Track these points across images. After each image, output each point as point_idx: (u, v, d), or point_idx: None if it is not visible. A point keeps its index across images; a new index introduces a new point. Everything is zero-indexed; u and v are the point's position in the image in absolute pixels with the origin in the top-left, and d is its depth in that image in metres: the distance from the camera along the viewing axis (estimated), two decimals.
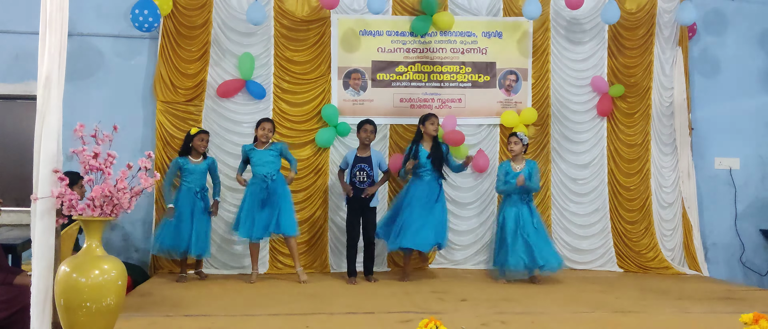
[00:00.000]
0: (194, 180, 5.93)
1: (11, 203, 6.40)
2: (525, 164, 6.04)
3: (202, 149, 5.98)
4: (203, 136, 5.98)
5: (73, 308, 3.22)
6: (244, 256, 6.47)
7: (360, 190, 5.98)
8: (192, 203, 5.90)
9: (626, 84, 7.11)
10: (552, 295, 5.43)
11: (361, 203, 6.00)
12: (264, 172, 5.83)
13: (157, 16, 6.27)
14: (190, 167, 5.93)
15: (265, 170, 5.84)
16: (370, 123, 6.09)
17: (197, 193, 5.93)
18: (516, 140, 6.04)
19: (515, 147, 6.03)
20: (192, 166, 5.94)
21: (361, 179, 6.00)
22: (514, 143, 6.04)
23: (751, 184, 7.43)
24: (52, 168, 3.35)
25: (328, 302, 5.02)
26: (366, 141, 6.06)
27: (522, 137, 6.06)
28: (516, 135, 6.09)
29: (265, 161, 5.87)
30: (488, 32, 7.06)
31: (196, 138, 5.93)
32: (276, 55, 6.77)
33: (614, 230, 7.07)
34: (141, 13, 6.22)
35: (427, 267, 6.79)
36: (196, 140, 5.92)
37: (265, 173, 5.83)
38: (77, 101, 6.17)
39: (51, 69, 3.43)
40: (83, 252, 3.40)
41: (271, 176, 5.84)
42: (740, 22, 7.49)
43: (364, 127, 6.05)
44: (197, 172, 5.95)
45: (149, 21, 6.25)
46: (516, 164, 6.06)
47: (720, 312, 4.79)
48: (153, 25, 6.31)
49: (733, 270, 7.36)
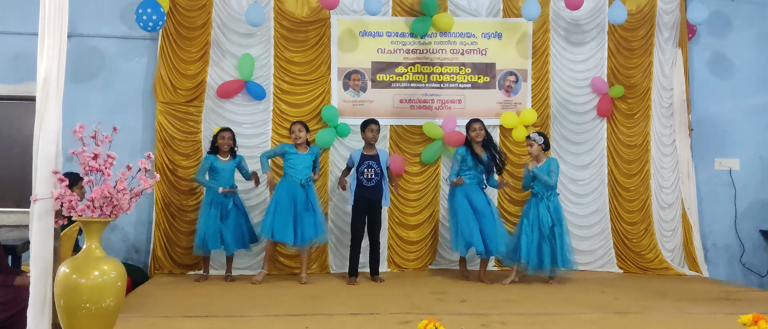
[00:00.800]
0: (222, 179, 5.95)
1: (11, 204, 6.41)
2: (545, 162, 6.00)
3: (226, 148, 5.97)
4: (224, 134, 6.00)
5: (72, 309, 3.22)
6: (243, 257, 6.46)
7: (367, 188, 5.98)
8: (221, 203, 5.92)
9: (626, 85, 7.11)
10: (552, 296, 5.42)
11: (368, 202, 6.00)
12: (300, 177, 5.89)
13: (161, 14, 6.25)
14: (218, 165, 5.96)
15: (301, 175, 5.90)
16: (375, 123, 6.11)
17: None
18: (530, 142, 6.04)
19: (531, 149, 6.03)
20: (220, 164, 5.97)
21: (368, 176, 5.98)
22: (529, 145, 6.06)
23: (751, 185, 7.42)
24: (51, 169, 3.36)
25: (328, 303, 5.01)
26: (372, 141, 6.07)
27: (535, 138, 6.03)
28: (529, 137, 6.11)
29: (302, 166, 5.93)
30: (488, 33, 7.06)
31: (218, 136, 5.97)
32: (276, 56, 6.78)
33: (614, 231, 7.07)
34: (144, 12, 6.18)
35: (427, 268, 6.79)
36: (218, 139, 5.96)
37: (300, 177, 5.89)
38: (77, 102, 6.16)
39: (50, 70, 3.44)
40: (83, 253, 3.40)
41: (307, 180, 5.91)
42: (740, 23, 7.49)
43: (370, 127, 6.06)
44: (225, 170, 5.97)
45: (154, 19, 6.21)
46: (537, 162, 6.03)
47: (720, 312, 4.78)
48: (157, 24, 6.27)
49: (733, 270, 7.36)
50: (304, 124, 6.06)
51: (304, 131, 5.96)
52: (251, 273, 6.34)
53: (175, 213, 6.47)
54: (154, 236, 6.44)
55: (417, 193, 6.87)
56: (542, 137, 6.04)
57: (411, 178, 6.86)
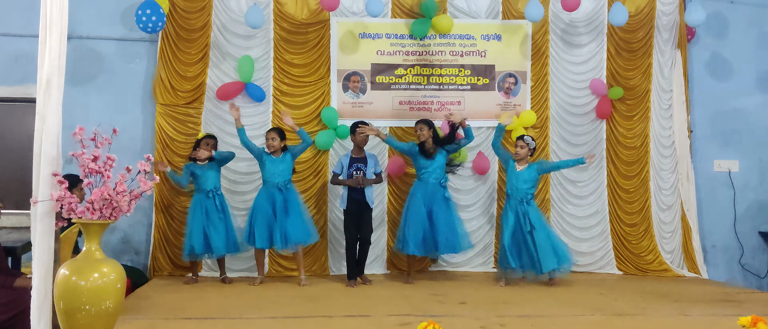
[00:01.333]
0: (205, 182, 5.95)
1: (11, 205, 6.40)
2: (527, 166, 6.02)
3: (205, 156, 5.93)
4: (208, 140, 6.00)
5: (72, 311, 3.23)
6: (241, 259, 6.46)
7: (357, 190, 5.99)
8: (205, 205, 5.91)
9: (625, 86, 7.12)
10: (551, 298, 5.43)
11: (358, 204, 6.00)
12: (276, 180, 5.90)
13: (161, 15, 6.23)
14: (197, 171, 5.96)
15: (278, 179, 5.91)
16: (365, 124, 6.10)
17: (209, 193, 5.94)
18: (522, 144, 6.03)
19: (521, 151, 6.02)
20: (200, 170, 5.96)
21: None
22: (520, 147, 6.04)
23: (750, 186, 7.43)
24: (51, 171, 3.36)
25: (327, 305, 5.02)
26: (362, 143, 6.07)
27: (528, 141, 6.05)
28: (523, 139, 6.09)
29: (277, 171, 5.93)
30: (487, 35, 7.07)
31: (202, 143, 5.96)
32: (275, 57, 6.78)
33: (613, 233, 7.07)
34: (144, 13, 6.18)
35: (426, 270, 6.80)
36: (202, 146, 5.93)
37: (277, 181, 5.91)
38: (77, 104, 6.17)
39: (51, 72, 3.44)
40: (82, 255, 3.41)
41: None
42: (739, 25, 7.50)
43: (360, 129, 6.05)
44: (206, 173, 5.96)
45: (153, 20, 6.20)
46: (520, 165, 6.05)
47: (719, 314, 4.79)
48: (157, 25, 6.25)
49: (732, 272, 7.36)
50: (280, 131, 6.00)
51: (278, 139, 5.92)
52: (249, 275, 6.38)
53: (174, 215, 6.47)
54: (154, 238, 6.44)
55: None
56: (534, 142, 6.10)
57: (410, 180, 6.86)
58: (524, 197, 5.98)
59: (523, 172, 6.00)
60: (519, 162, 6.06)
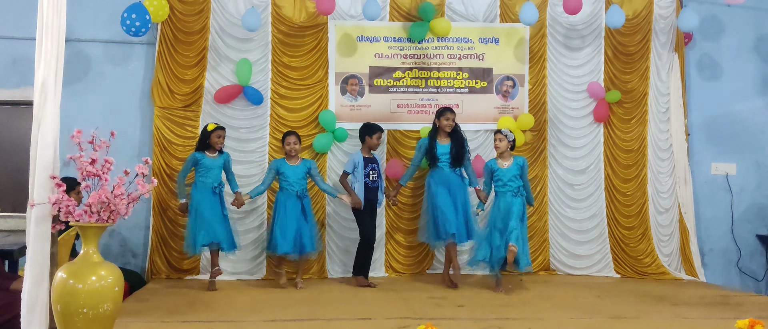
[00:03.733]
0: (212, 176, 5.93)
1: (8, 209, 6.40)
2: (513, 161, 5.89)
3: (219, 146, 5.96)
4: (220, 132, 5.97)
5: (70, 314, 3.22)
6: (242, 261, 6.46)
7: (372, 190, 6.13)
8: (211, 199, 5.89)
9: (623, 90, 7.13)
10: (549, 301, 5.43)
11: (370, 203, 6.15)
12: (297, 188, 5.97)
13: (146, 21, 6.19)
14: (207, 162, 5.92)
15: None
16: (383, 131, 6.34)
17: (215, 188, 5.93)
18: (500, 137, 5.86)
19: (500, 144, 5.86)
20: (209, 161, 5.93)
21: (373, 178, 6.17)
22: (498, 140, 5.88)
23: (748, 189, 7.44)
24: (48, 174, 3.36)
25: (326, 308, 5.02)
26: (375, 148, 6.26)
27: (507, 133, 5.89)
28: (500, 132, 5.93)
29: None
30: (485, 38, 7.08)
31: (213, 134, 5.92)
32: (273, 60, 6.78)
33: (611, 236, 7.07)
34: (129, 17, 6.15)
35: (424, 272, 6.79)
36: (213, 137, 5.90)
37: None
38: (74, 106, 6.14)
39: (48, 75, 3.44)
40: (80, 258, 3.40)
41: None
42: (736, 29, 7.52)
43: (378, 134, 6.23)
44: (214, 167, 5.94)
45: (136, 25, 6.14)
46: (503, 160, 5.90)
47: (716, 317, 4.80)
48: (140, 29, 6.19)
49: (730, 275, 7.37)
50: (298, 136, 6.09)
51: (299, 143, 6.01)
52: (250, 277, 6.42)
53: (172, 218, 6.45)
54: (152, 241, 6.43)
55: (415, 198, 6.86)
56: (512, 135, 5.97)
57: (409, 183, 6.85)
58: (511, 190, 5.83)
59: (511, 168, 5.84)
60: (502, 158, 5.94)
